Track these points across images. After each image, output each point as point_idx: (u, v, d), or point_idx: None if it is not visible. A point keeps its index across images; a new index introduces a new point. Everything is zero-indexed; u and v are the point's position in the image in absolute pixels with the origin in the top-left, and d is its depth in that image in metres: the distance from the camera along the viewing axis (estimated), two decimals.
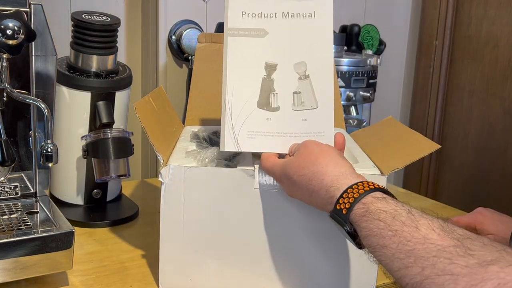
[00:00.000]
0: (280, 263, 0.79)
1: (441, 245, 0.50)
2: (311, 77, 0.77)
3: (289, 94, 0.77)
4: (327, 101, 0.77)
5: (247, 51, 0.76)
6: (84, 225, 1.02)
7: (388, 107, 1.77)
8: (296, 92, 0.77)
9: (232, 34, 0.76)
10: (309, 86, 0.76)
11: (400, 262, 0.52)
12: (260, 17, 0.77)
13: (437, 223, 0.53)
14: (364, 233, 0.58)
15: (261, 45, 0.77)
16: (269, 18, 0.77)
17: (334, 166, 0.66)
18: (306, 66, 0.77)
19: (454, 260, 0.48)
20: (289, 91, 0.77)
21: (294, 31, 0.77)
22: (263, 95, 0.76)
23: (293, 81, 0.77)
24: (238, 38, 0.76)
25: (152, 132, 0.78)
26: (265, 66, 0.77)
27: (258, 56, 0.77)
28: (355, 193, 0.61)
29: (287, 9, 0.77)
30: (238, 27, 0.76)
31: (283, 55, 0.77)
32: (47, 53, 0.85)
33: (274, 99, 0.76)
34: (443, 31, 1.69)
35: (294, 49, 0.77)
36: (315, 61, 0.77)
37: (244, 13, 0.77)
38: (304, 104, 0.76)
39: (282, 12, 0.77)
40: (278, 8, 0.77)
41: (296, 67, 0.77)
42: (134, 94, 1.18)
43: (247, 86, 0.76)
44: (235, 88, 0.76)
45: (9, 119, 0.87)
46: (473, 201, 1.64)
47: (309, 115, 0.76)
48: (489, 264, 0.45)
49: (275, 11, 0.77)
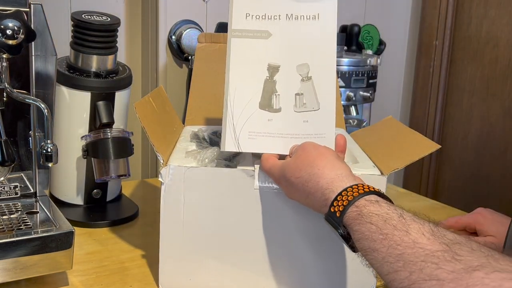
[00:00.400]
0: (280, 263, 0.79)
1: (430, 249, 0.50)
2: (313, 79, 0.77)
3: (291, 95, 0.77)
4: (329, 103, 0.77)
5: (250, 52, 0.77)
6: (84, 225, 1.02)
7: (388, 107, 1.77)
8: (298, 93, 0.77)
9: (236, 35, 0.77)
10: (311, 87, 0.77)
11: (390, 266, 0.52)
12: (264, 18, 0.77)
13: (427, 227, 0.53)
14: (357, 236, 0.58)
15: (265, 47, 0.77)
16: (273, 20, 0.77)
17: (330, 168, 0.66)
18: (308, 67, 0.77)
19: (441, 265, 0.48)
20: (291, 92, 0.77)
21: (298, 33, 0.77)
22: (265, 96, 0.77)
23: (296, 83, 0.77)
24: (242, 39, 0.77)
25: (152, 132, 0.78)
26: (267, 68, 0.77)
27: (261, 58, 0.77)
28: (349, 196, 0.61)
29: (291, 11, 0.77)
30: (242, 28, 0.77)
31: (286, 57, 0.77)
32: (47, 53, 0.85)
33: (276, 100, 0.77)
34: (443, 31, 1.69)
35: (297, 51, 0.77)
36: (318, 63, 0.77)
37: (248, 14, 0.77)
38: (306, 105, 0.77)
39: (286, 14, 0.77)
40: (282, 10, 0.77)
41: (298, 69, 0.77)
42: (134, 94, 1.18)
43: (250, 87, 0.77)
44: (237, 88, 0.76)
45: (9, 119, 0.87)
46: (473, 201, 1.64)
47: (311, 117, 0.76)
48: (474, 270, 0.46)
49: (279, 13, 0.77)
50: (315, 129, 0.76)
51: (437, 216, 1.12)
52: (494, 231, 0.93)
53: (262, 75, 0.77)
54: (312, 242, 0.78)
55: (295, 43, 0.77)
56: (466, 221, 0.98)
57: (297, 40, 0.77)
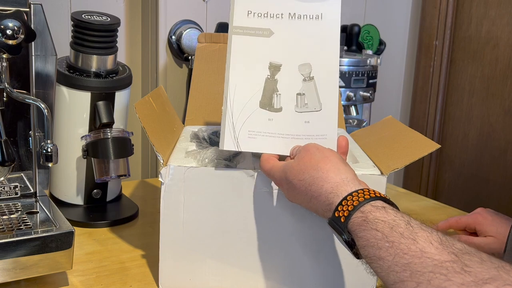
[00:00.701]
0: (279, 263, 0.79)
1: (438, 259, 0.48)
2: (315, 79, 0.76)
3: (292, 95, 0.76)
4: (331, 103, 0.76)
5: (251, 50, 0.76)
6: (84, 225, 1.02)
7: (388, 107, 1.77)
8: (299, 93, 0.76)
9: (237, 32, 0.76)
10: (313, 88, 0.76)
11: (396, 275, 0.51)
12: (266, 17, 0.76)
13: (436, 236, 0.51)
14: (361, 243, 0.56)
15: (266, 45, 0.76)
16: (275, 18, 0.76)
17: (335, 172, 0.64)
18: (311, 67, 0.76)
19: (450, 276, 0.46)
20: (292, 92, 0.76)
21: (300, 32, 0.76)
22: (266, 95, 0.76)
23: (297, 83, 0.76)
24: (243, 36, 0.76)
25: (152, 132, 0.78)
26: (269, 66, 0.76)
27: (262, 56, 0.76)
28: (355, 201, 0.59)
29: (294, 10, 0.76)
30: (244, 25, 0.76)
31: (288, 56, 0.76)
32: (47, 53, 0.85)
33: (277, 99, 0.76)
34: (443, 31, 1.69)
35: (300, 50, 0.76)
36: (321, 63, 0.76)
37: (250, 12, 0.76)
38: (308, 106, 0.75)
39: (289, 12, 0.76)
40: (285, 9, 0.76)
41: (300, 69, 0.76)
42: (134, 94, 1.18)
43: (250, 85, 0.75)
44: (237, 86, 0.75)
45: (9, 119, 0.88)
46: (473, 201, 1.64)
47: (312, 117, 0.75)
48: (485, 283, 0.44)
49: (282, 12, 0.76)
50: (316, 130, 0.75)
51: (437, 216, 1.13)
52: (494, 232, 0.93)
53: (263, 73, 0.76)
54: (312, 242, 0.78)
55: (298, 42, 0.76)
56: (466, 221, 0.98)
57: (299, 39, 0.76)
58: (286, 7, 0.76)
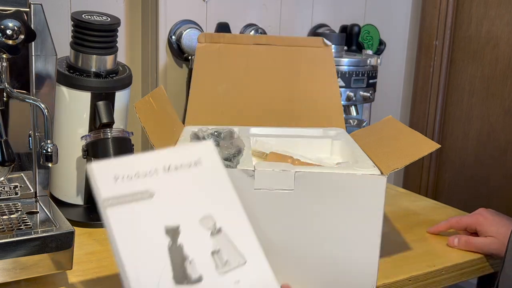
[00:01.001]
0: (279, 263, 0.79)
1: None
2: (224, 229, 0.63)
3: (207, 256, 0.61)
4: (255, 250, 0.64)
5: (136, 220, 0.60)
6: (84, 225, 1.02)
7: (388, 107, 1.77)
8: (214, 251, 0.62)
9: (111, 204, 0.59)
10: (225, 240, 0.63)
11: None
12: (138, 177, 0.61)
13: None
14: None
15: (151, 209, 0.61)
16: (150, 177, 0.62)
17: None
18: (213, 218, 0.63)
19: None
20: (205, 253, 0.61)
21: (184, 183, 0.63)
22: (176, 268, 0.59)
23: (206, 240, 0.62)
24: (120, 207, 0.59)
25: (152, 132, 0.77)
26: (165, 232, 0.61)
27: (152, 223, 0.60)
28: None
29: (167, 162, 0.63)
30: (115, 194, 0.60)
31: (182, 214, 0.62)
32: (47, 53, 0.85)
33: (191, 268, 0.60)
34: (443, 31, 1.69)
35: (192, 204, 0.63)
36: (221, 209, 0.64)
37: (116, 177, 0.60)
38: (229, 262, 0.62)
39: (162, 166, 0.63)
40: (156, 163, 0.63)
41: (203, 223, 0.63)
42: (134, 94, 1.18)
43: (152, 265, 0.58)
44: (138, 271, 0.57)
45: (9, 119, 0.87)
46: (474, 201, 1.64)
47: (241, 274, 0.62)
48: None
49: (154, 167, 0.63)
50: (252, 286, 0.62)
51: (437, 216, 1.13)
52: (495, 232, 0.93)
53: (162, 243, 0.60)
54: (311, 242, 0.78)
55: (186, 195, 0.63)
56: (467, 222, 0.98)
57: (186, 191, 0.63)
58: (157, 161, 0.63)
